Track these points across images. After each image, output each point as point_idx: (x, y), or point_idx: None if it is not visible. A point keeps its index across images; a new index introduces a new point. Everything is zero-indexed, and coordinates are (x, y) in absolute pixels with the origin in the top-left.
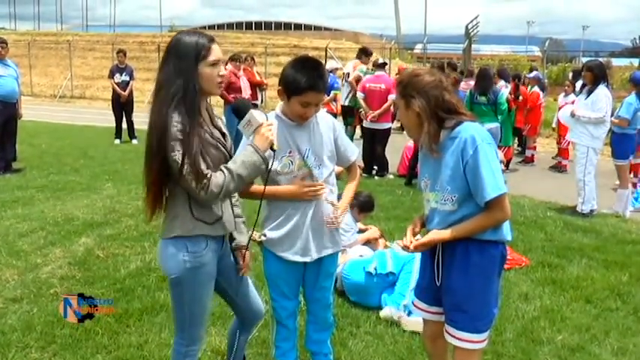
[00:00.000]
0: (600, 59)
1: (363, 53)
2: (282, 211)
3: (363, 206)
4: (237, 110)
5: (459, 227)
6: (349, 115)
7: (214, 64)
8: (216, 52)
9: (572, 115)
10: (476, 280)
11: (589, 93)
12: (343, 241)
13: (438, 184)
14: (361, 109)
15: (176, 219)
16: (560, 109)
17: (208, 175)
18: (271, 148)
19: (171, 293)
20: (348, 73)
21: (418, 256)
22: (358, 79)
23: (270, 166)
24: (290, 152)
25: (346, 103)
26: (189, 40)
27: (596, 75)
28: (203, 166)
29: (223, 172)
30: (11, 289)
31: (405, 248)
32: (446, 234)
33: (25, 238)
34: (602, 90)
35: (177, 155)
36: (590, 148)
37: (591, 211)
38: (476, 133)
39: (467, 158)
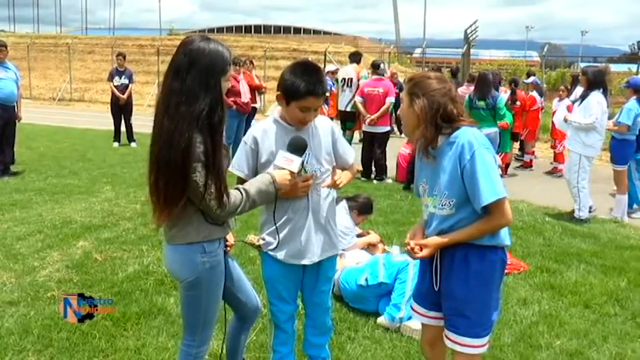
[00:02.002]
0: (598, 65)
1: (358, 57)
2: (281, 215)
3: (362, 208)
4: (295, 145)
5: (459, 232)
6: (349, 119)
7: (229, 78)
8: (231, 66)
9: (565, 120)
10: (476, 286)
11: (582, 98)
12: (342, 244)
13: (436, 189)
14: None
15: (189, 225)
16: (554, 114)
17: (229, 196)
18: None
19: (184, 297)
20: (351, 79)
21: (412, 263)
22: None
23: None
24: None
25: (348, 109)
26: (216, 51)
27: (590, 80)
28: (226, 189)
29: (242, 193)
30: (8, 292)
31: (411, 252)
32: (445, 239)
33: (22, 241)
34: (594, 96)
35: (199, 177)
36: (582, 156)
37: (590, 210)
38: (473, 138)
39: (464, 163)
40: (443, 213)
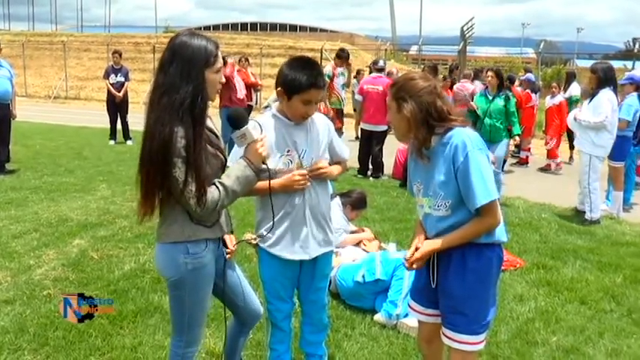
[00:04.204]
0: (596, 61)
1: (336, 55)
2: (278, 210)
3: (355, 203)
4: (233, 120)
5: (451, 236)
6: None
7: (218, 70)
8: (220, 59)
9: (575, 119)
10: (473, 283)
11: (592, 96)
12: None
13: (431, 190)
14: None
15: (175, 224)
16: (547, 110)
17: (206, 193)
18: (263, 162)
19: (170, 296)
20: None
21: None
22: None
23: (269, 176)
24: (288, 151)
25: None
26: (198, 43)
27: (600, 78)
28: (205, 186)
29: (218, 188)
30: (4, 291)
31: (406, 264)
32: (438, 244)
33: (18, 239)
34: (605, 94)
35: (179, 173)
36: (592, 156)
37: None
38: (467, 139)
39: (458, 164)
40: (439, 214)
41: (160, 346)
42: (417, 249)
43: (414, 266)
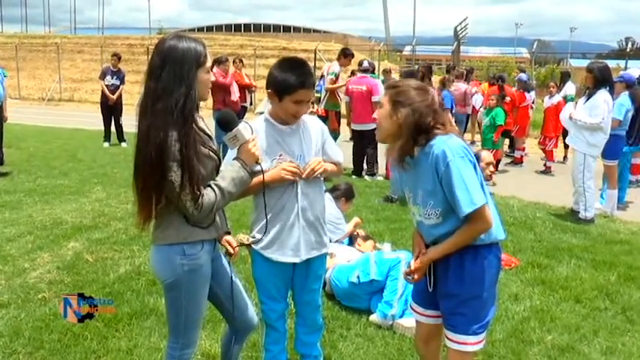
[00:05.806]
0: (590, 61)
1: (342, 54)
2: (270, 212)
3: (346, 194)
4: (222, 122)
5: (445, 244)
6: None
7: (209, 70)
8: (209, 58)
9: (570, 117)
10: (472, 285)
11: (589, 96)
12: (337, 234)
13: (419, 198)
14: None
15: (171, 226)
16: (545, 110)
17: (203, 196)
18: (257, 162)
19: (166, 298)
20: (322, 75)
21: (404, 260)
22: (333, 84)
23: (263, 177)
24: (280, 155)
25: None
26: (187, 45)
27: (596, 77)
28: (200, 188)
29: (214, 190)
30: None
31: (408, 278)
32: (434, 254)
33: (12, 242)
34: (601, 95)
35: (174, 177)
36: (586, 155)
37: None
38: (447, 148)
39: (440, 174)
40: (430, 222)
41: (155, 349)
42: (417, 257)
43: (415, 277)
